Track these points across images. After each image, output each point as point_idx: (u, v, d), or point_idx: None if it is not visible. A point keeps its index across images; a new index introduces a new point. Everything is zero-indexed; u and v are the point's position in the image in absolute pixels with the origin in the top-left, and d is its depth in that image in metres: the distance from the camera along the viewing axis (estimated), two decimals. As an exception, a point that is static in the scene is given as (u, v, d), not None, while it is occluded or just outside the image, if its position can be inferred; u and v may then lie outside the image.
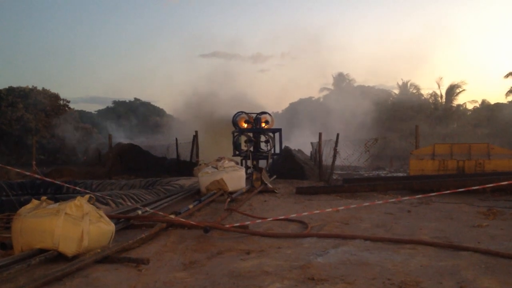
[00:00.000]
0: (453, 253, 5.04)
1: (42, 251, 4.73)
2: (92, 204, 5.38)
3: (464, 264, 4.57)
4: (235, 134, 17.43)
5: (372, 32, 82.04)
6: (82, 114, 44.93)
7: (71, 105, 37.58)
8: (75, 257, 4.76)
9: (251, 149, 16.86)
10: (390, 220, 7.37)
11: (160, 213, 7.26)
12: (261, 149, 17.52)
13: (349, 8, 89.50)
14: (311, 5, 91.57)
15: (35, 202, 5.23)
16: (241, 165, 15.44)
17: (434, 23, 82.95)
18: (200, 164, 15.25)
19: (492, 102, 44.66)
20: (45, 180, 10.96)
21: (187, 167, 17.61)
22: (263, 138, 17.47)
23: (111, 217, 5.89)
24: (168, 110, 54.73)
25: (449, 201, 9.25)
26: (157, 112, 54.01)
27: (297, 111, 48.22)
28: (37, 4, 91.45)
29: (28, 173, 9.49)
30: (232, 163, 11.51)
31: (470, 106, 46.48)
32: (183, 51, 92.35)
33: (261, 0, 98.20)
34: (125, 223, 6.63)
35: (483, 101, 45.81)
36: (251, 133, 17.28)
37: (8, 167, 10.51)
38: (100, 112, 53.95)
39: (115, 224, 5.81)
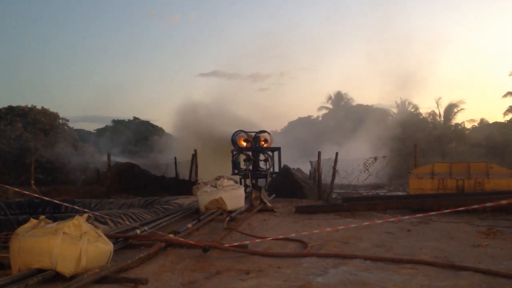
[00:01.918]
0: (454, 273, 5.01)
1: (40, 271, 4.69)
2: (90, 223, 5.36)
3: (465, 284, 4.54)
4: (234, 152, 17.44)
5: (370, 50, 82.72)
6: (81, 133, 44.92)
7: (70, 124, 37.59)
8: (73, 277, 4.72)
9: (250, 167, 16.86)
10: (390, 239, 7.33)
11: (158, 232, 7.22)
12: (260, 167, 17.52)
13: (347, 28, 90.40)
14: (308, 26, 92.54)
15: (33, 221, 5.21)
16: (240, 184, 15.44)
17: (432, 42, 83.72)
18: (199, 183, 15.21)
19: (491, 121, 44.93)
20: (44, 199, 10.93)
21: (186, 186, 17.55)
22: (262, 156, 17.48)
23: (109, 237, 5.86)
24: (167, 128, 54.84)
25: (449, 220, 9.22)
26: (156, 131, 54.06)
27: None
28: (36, 23, 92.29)
29: (26, 192, 9.48)
30: (231, 182, 11.50)
31: (468, 125, 46.70)
32: (183, 70, 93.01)
33: (259, 19, 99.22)
34: (123, 242, 6.59)
35: (482, 120, 46.06)
36: (250, 151, 17.30)
37: (7, 186, 10.49)
38: (99, 131, 53.99)
39: (114, 243, 5.78)
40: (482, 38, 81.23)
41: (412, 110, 50.31)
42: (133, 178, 21.09)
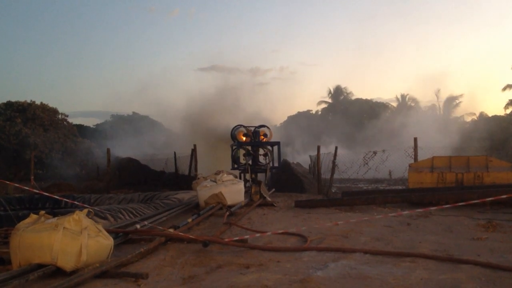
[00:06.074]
0: (453, 266, 5.02)
1: (40, 266, 4.70)
2: (90, 218, 5.37)
3: (465, 278, 4.55)
4: (234, 147, 17.42)
5: (371, 44, 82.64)
6: (81, 128, 44.90)
7: (70, 119, 37.57)
8: (73, 272, 4.73)
9: (250, 162, 16.84)
10: (389, 233, 7.34)
11: (159, 227, 7.23)
12: (260, 162, 17.49)
13: (345, 22, 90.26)
14: (308, 19, 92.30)
15: (33, 216, 5.22)
16: (240, 178, 15.43)
17: (435, 36, 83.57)
18: (198, 178, 15.21)
19: (490, 114, 44.94)
20: (43, 195, 10.92)
21: (186, 180, 17.57)
22: (261, 151, 17.44)
23: (109, 232, 5.86)
24: (166, 123, 54.78)
25: (448, 213, 9.23)
26: (156, 126, 54.01)
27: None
28: (36, 19, 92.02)
29: (26, 188, 9.50)
30: (231, 177, 11.49)
31: (468, 119, 46.70)
32: (182, 64, 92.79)
33: (259, 13, 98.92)
34: (123, 237, 6.60)
35: (481, 114, 46.09)
36: (249, 146, 17.27)
37: (6, 182, 10.50)
38: (98, 126, 53.94)
39: (114, 238, 5.79)
40: (483, 32, 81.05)
41: (412, 104, 50.36)
42: (133, 173, 21.09)
